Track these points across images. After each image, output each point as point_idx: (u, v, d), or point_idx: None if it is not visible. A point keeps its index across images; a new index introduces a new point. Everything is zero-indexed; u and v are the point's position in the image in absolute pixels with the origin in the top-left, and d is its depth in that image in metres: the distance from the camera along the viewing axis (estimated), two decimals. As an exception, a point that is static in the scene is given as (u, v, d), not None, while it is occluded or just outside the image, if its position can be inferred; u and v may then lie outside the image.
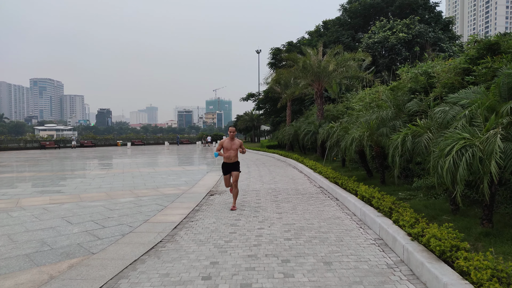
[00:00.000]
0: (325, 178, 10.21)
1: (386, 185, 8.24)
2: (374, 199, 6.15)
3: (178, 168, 15.93)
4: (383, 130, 7.80)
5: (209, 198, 8.60)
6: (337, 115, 16.52)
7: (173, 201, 8.15)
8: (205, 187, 10.33)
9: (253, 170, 14.83)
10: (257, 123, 56.64)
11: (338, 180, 8.84)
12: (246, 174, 13.24)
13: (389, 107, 8.39)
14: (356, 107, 12.62)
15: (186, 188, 10.21)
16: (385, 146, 7.72)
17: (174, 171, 14.69)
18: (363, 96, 13.94)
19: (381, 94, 11.89)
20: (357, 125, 8.82)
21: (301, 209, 7.13)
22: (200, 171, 14.77)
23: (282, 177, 12.41)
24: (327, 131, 11.87)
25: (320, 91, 18.21)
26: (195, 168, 15.87)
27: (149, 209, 7.32)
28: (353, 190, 7.54)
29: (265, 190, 9.63)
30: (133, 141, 52.39)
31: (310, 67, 17.20)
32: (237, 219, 6.36)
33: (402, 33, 27.00)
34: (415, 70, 8.71)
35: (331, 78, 18.02)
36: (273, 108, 36.61)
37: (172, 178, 12.36)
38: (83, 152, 33.97)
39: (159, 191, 9.71)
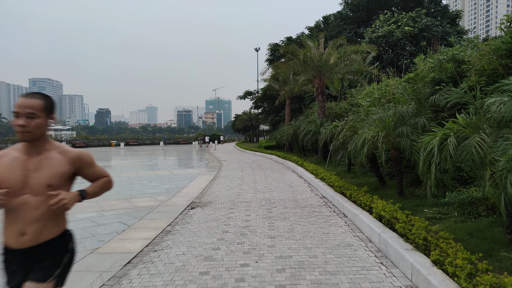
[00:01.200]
0: (329, 186, 8.65)
1: (405, 198, 6.69)
2: (398, 222, 4.59)
3: (163, 172, 14.37)
4: (403, 129, 6.24)
5: (188, 213, 7.04)
6: (341, 113, 14.96)
7: (142, 218, 6.59)
8: (187, 196, 8.77)
9: (247, 174, 13.27)
10: (255, 122, 55.09)
11: (345, 191, 7.28)
12: (239, 180, 11.69)
13: (407, 101, 6.83)
14: (363, 103, 11.05)
15: (165, 198, 8.65)
16: (404, 149, 6.16)
17: (158, 176, 13.12)
18: (370, 91, 12.38)
19: (393, 88, 10.34)
20: (368, 124, 7.26)
21: (300, 231, 5.58)
22: (188, 175, 13.21)
23: (279, 183, 10.86)
24: (330, 131, 10.33)
25: (321, 87, 16.65)
26: (182, 172, 14.31)
27: (107, 230, 5.77)
28: (366, 206, 5.98)
29: (257, 201, 8.07)
30: (127, 141, 50.83)
31: (311, 61, 15.64)
32: (215, 248, 4.80)
33: (408, 26, 25.43)
34: (439, 56, 7.16)
35: (333, 73, 16.46)
36: (272, 106, 35.04)
37: (152, 185, 10.80)
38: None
39: (131, 202, 8.15)
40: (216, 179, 11.98)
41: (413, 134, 6.13)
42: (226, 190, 9.73)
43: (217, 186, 10.50)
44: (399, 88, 8.15)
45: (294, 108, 30.22)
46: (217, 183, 11.01)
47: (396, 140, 6.32)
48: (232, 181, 11.51)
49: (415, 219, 4.56)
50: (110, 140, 49.69)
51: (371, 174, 10.04)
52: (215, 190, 9.78)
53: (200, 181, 11.59)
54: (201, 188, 10.09)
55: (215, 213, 6.90)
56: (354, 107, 13.34)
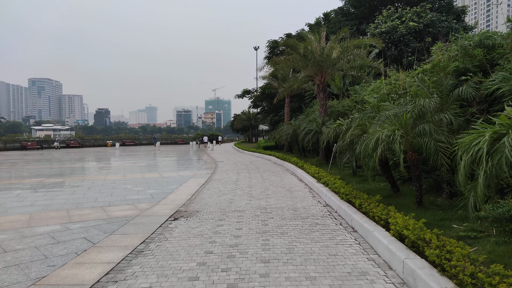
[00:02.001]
0: (334, 193, 7.60)
1: (425, 208, 5.64)
2: (428, 247, 3.55)
3: (153, 175, 13.31)
4: (424, 127, 5.20)
5: (169, 225, 5.99)
6: (344, 112, 13.92)
7: (113, 232, 5.54)
8: (173, 204, 7.73)
9: (242, 177, 12.22)
10: (254, 122, 54.04)
11: (353, 199, 6.24)
12: (233, 184, 10.64)
13: (426, 95, 5.77)
14: (370, 99, 10.01)
15: (147, 206, 7.60)
16: (426, 151, 5.12)
17: (146, 179, 12.07)
18: (377, 87, 11.34)
19: (404, 82, 9.30)
20: (380, 122, 6.21)
21: (301, 251, 4.54)
22: (178, 179, 12.16)
23: (277, 187, 9.81)
24: (333, 130, 9.28)
25: (323, 84, 15.60)
26: (173, 175, 13.25)
27: (65, 250, 4.72)
28: (381, 220, 4.93)
29: (252, 210, 7.02)
30: (124, 141, 49.76)
31: (311, 55, 14.60)
32: (192, 277, 3.76)
33: (412, 22, 24.40)
34: (464, 42, 6.12)
35: (335, 69, 15.42)
36: (271, 106, 33.98)
37: (137, 190, 9.74)
38: (64, 153, 31.32)
39: (107, 211, 7.09)
40: (208, 183, 10.93)
41: (437, 133, 5.08)
42: (218, 196, 8.69)
43: (209, 191, 9.46)
44: (414, 80, 7.10)
45: (294, 107, 29.18)
46: (209, 188, 9.97)
47: (416, 140, 5.27)
48: (225, 185, 10.47)
49: (450, 243, 3.52)
50: (106, 140, 48.56)
51: (380, 179, 9.00)
52: (206, 196, 8.74)
53: (190, 185, 10.54)
54: (190, 193, 9.04)
55: (200, 226, 5.86)
56: (359, 104, 12.30)
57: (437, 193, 6.70)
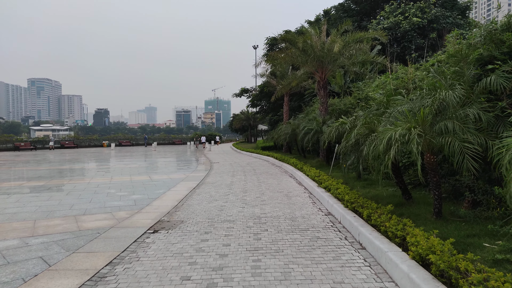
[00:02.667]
0: (337, 199, 6.75)
1: (445, 220, 4.79)
2: (465, 281, 2.70)
3: (142, 178, 12.45)
4: (447, 124, 4.35)
5: (146, 240, 5.14)
6: (346, 110, 13.07)
7: (77, 250, 4.69)
8: (156, 212, 6.88)
9: (237, 180, 11.37)
10: (253, 122, 53.19)
11: (360, 208, 5.39)
12: (226, 188, 9.79)
13: (445, 87, 4.91)
14: (376, 96, 9.16)
15: (126, 215, 6.75)
16: (451, 153, 4.27)
17: (133, 183, 11.21)
18: (382, 82, 10.49)
19: (413, 76, 8.45)
20: (392, 118, 5.36)
21: (299, 277, 3.70)
22: (168, 182, 11.31)
23: (274, 192, 8.96)
24: (336, 129, 8.42)
25: (323, 81, 14.75)
26: (163, 178, 12.40)
27: (12, 275, 3.87)
28: (396, 236, 4.08)
29: (244, 220, 6.17)
30: (120, 142, 48.88)
31: (311, 50, 13.74)
32: (158, 318, 2.91)
33: (416, 17, 23.55)
34: (489, 26, 5.26)
35: (336, 65, 14.56)
36: (270, 105, 33.12)
37: (120, 196, 8.88)
38: (57, 154, 30.44)
39: (79, 222, 6.24)
40: (199, 187, 10.08)
41: (463, 131, 4.23)
42: (208, 202, 7.83)
43: (199, 196, 8.60)
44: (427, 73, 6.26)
45: (293, 107, 28.32)
46: (199, 193, 9.11)
47: (436, 140, 4.41)
48: (218, 189, 9.62)
49: (494, 275, 2.66)
50: (102, 140, 47.67)
51: (387, 183, 8.14)
52: (194, 202, 7.89)
53: (179, 189, 9.68)
54: (177, 199, 8.18)
55: (182, 241, 5.00)
56: (362, 101, 11.45)
57: (455, 201, 5.86)
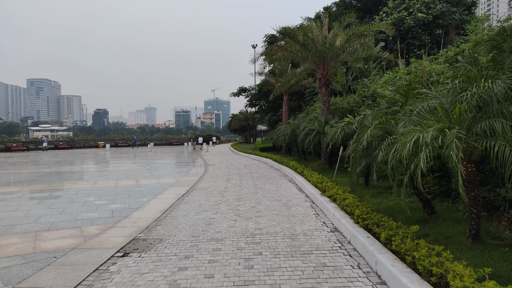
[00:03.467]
0: (344, 212, 5.76)
1: (485, 245, 3.80)
2: None
3: (128, 182, 11.44)
4: (493, 124, 3.35)
5: (110, 268, 4.13)
6: (350, 108, 12.07)
7: (19, 284, 3.68)
8: (133, 227, 5.89)
9: (232, 185, 10.38)
10: (252, 122, 52.20)
11: (375, 228, 4.39)
12: (219, 195, 8.80)
13: (478, 77, 3.91)
14: (386, 92, 8.17)
15: (98, 230, 5.75)
16: (500, 161, 3.27)
17: (117, 188, 10.20)
18: (391, 78, 9.50)
19: (428, 70, 7.45)
20: (416, 117, 4.36)
21: (301, 332, 2.70)
22: (156, 187, 10.31)
23: (272, 201, 7.97)
24: (341, 130, 7.44)
25: (325, 78, 13.77)
26: (152, 183, 11.39)
27: None
28: (430, 273, 3.08)
29: (234, 238, 5.18)
30: (116, 142, 47.84)
31: (312, 44, 12.75)
32: None
33: (421, 13, 22.56)
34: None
35: (339, 61, 13.58)
36: (269, 104, 32.14)
37: (98, 204, 7.88)
38: (49, 155, 29.40)
39: (38, 240, 5.23)
40: (189, 194, 9.08)
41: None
42: (195, 213, 6.84)
43: (186, 206, 7.61)
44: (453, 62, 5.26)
45: (293, 106, 27.35)
46: (188, 201, 8.12)
47: (479, 145, 3.41)
48: (209, 197, 8.62)
49: None
50: (97, 140, 46.60)
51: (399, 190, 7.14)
52: (180, 213, 6.89)
53: (166, 197, 8.68)
54: (161, 210, 7.18)
55: (154, 270, 4.01)
56: (369, 99, 10.46)
57: (488, 217, 4.87)
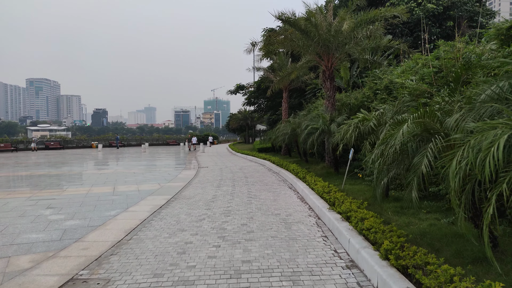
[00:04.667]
0: (365, 239, 4.23)
1: None
2: None
3: (103, 189, 9.91)
4: None
5: None
6: (359, 104, 10.55)
7: None
8: (80, 257, 4.38)
9: (222, 194, 8.86)
10: (251, 122, 50.65)
11: (423, 278, 2.85)
12: (204, 208, 7.28)
13: None
14: (408, 82, 6.65)
15: (30, 262, 4.24)
16: None
17: (86, 197, 8.67)
18: (410, 67, 7.98)
19: (463, 53, 5.94)
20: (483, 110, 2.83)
21: None
22: (133, 196, 8.79)
23: (268, 215, 6.46)
24: (355, 128, 5.92)
25: (329, 70, 12.25)
26: (131, 190, 9.86)
27: None
28: None
29: (213, 276, 3.66)
30: (111, 143, 46.30)
31: (316, 32, 11.22)
32: None
33: (430, 4, 21.05)
34: None
35: (345, 51, 12.06)
36: (268, 103, 30.58)
37: (50, 221, 6.34)
38: (36, 156, 27.86)
39: None
40: (169, 205, 7.57)
41: None
42: (168, 235, 5.32)
43: (160, 223, 6.09)
44: None
45: (293, 104, 25.81)
46: (164, 216, 6.60)
47: None
48: (192, 209, 7.10)
49: None
50: (90, 141, 45.02)
51: (428, 205, 5.63)
52: (149, 235, 5.37)
53: (139, 209, 7.16)
54: (126, 229, 5.66)
55: None
56: (383, 92, 8.94)
57: None
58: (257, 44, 12.76)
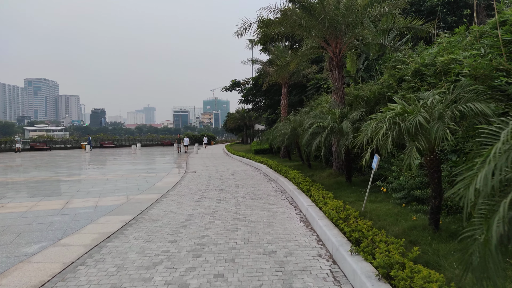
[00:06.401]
0: None
1: None
2: None
3: (49, 205, 7.75)
4: None
5: None
6: (377, 97, 8.43)
7: None
8: None
9: (201, 213, 6.73)
10: (249, 121, 48.51)
11: None
12: (168, 241, 5.16)
13: None
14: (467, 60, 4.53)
15: None
16: None
17: (19, 218, 6.53)
18: (455, 42, 5.88)
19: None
20: None
21: None
22: (82, 215, 6.67)
23: (257, 254, 4.34)
24: (390, 125, 3.82)
25: (338, 57, 10.13)
26: (87, 205, 7.72)
27: None
28: None
29: None
30: (101, 143, 44.15)
31: (321, 9, 9.10)
32: None
33: (445, -11, 18.94)
34: None
35: (355, 35, 9.95)
36: (266, 101, 28.41)
37: None
38: (15, 158, 25.71)
39: None
40: (121, 234, 5.44)
41: None
42: (88, 303, 3.19)
43: (87, 272, 3.97)
44: None
45: (293, 102, 23.70)
46: (103, 256, 4.47)
47: None
48: (150, 243, 4.97)
49: None
50: (80, 141, 42.85)
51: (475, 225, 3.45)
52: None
53: (74, 243, 5.02)
54: (42, 279, 3.53)
55: None
56: (413, 78, 6.81)
57: None
58: (251, 27, 10.58)
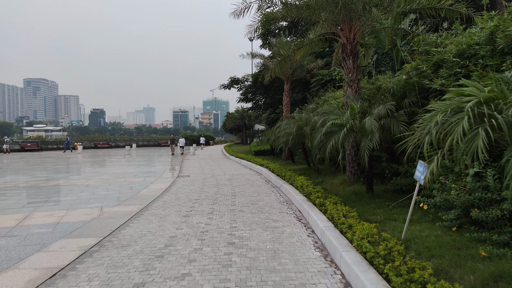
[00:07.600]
0: None
1: None
2: None
3: (5, 221, 6.30)
4: None
5: None
6: (402, 89, 6.95)
7: None
8: None
9: (185, 234, 5.27)
10: (249, 121, 47.04)
11: None
12: (138, 275, 3.67)
13: None
14: None
15: None
16: None
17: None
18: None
19: None
20: None
21: None
22: (34, 238, 5.21)
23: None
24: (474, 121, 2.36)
25: (352, 44, 8.68)
26: (46, 222, 6.26)
27: None
28: None
29: None
30: (96, 143, 42.71)
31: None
32: None
33: (462, -23, 17.47)
34: None
35: (371, 19, 8.50)
36: (266, 100, 26.95)
37: None
38: (3, 159, 24.24)
39: None
40: (70, 272, 3.97)
41: None
42: None
43: None
44: None
45: (296, 99, 22.26)
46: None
47: None
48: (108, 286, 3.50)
49: None
50: (73, 141, 41.38)
51: None
52: None
53: (3, 284, 3.56)
54: None
55: None
56: (455, 64, 5.35)
57: None
58: (251, 7, 9.10)
